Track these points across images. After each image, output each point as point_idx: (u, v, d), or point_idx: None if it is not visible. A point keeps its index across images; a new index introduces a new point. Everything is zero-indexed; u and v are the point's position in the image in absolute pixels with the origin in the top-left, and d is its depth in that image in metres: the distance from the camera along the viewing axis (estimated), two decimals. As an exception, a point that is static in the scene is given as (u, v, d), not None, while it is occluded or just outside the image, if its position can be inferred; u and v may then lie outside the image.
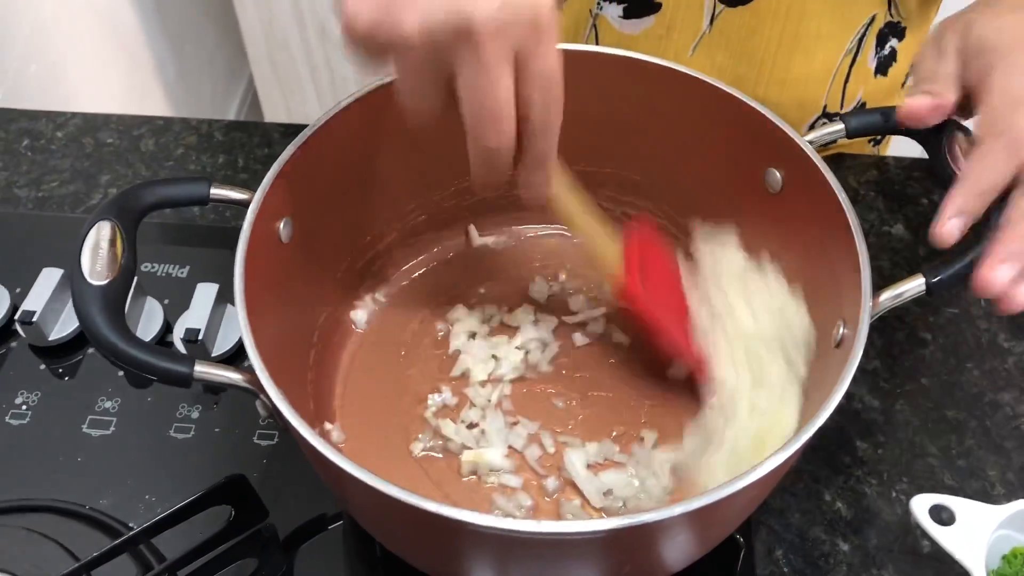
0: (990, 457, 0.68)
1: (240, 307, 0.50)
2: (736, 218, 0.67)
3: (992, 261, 0.50)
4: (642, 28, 0.83)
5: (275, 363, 0.49)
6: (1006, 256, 0.50)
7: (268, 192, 0.55)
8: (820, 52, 0.82)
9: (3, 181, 0.86)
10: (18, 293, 0.76)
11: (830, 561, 0.64)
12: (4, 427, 0.69)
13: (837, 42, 0.82)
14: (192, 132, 0.90)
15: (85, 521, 0.63)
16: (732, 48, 0.81)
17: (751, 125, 0.61)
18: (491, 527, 0.43)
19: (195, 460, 0.67)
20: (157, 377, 0.48)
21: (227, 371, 0.49)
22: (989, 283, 0.50)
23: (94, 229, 0.50)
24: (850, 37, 0.82)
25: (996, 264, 0.50)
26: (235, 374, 0.49)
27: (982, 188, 0.51)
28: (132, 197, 0.52)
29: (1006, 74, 0.54)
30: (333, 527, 0.64)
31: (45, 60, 1.36)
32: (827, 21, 0.80)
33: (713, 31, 0.81)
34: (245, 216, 0.54)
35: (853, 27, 0.82)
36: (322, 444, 0.45)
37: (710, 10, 0.79)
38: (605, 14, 0.84)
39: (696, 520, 0.47)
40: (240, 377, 0.49)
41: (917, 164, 0.87)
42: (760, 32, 0.80)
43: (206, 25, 1.94)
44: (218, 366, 0.49)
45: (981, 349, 0.74)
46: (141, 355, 0.48)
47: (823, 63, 0.83)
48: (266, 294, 0.54)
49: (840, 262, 0.55)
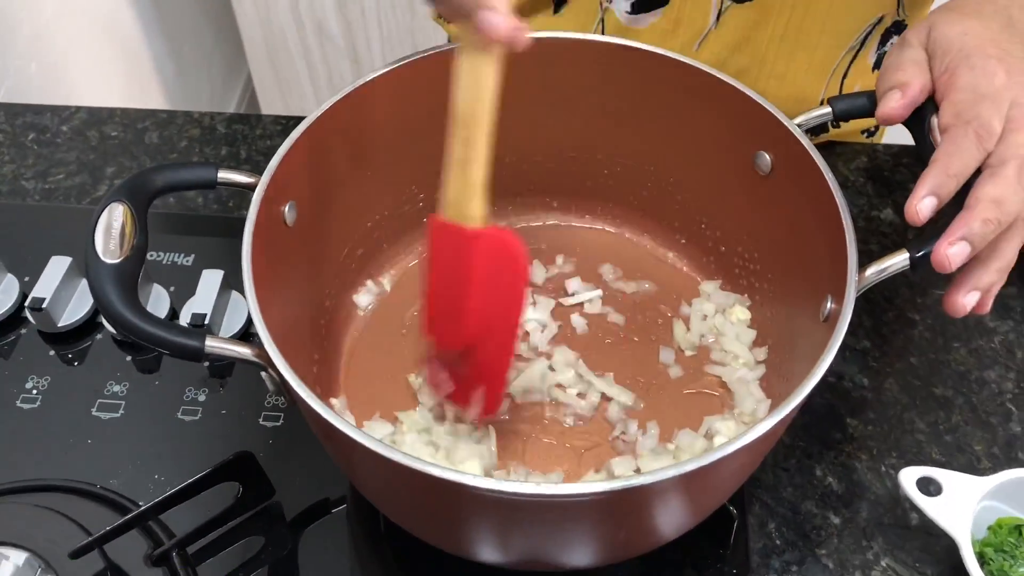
0: (976, 432, 0.70)
1: (248, 282, 0.51)
2: (727, 199, 0.69)
3: (950, 238, 0.52)
4: (649, 22, 0.84)
5: (282, 339, 0.51)
6: (963, 235, 0.52)
7: (274, 175, 0.57)
8: (822, 48, 0.83)
9: (10, 174, 0.88)
10: (27, 281, 0.77)
11: (822, 534, 0.66)
12: (16, 411, 0.71)
13: (841, 39, 0.83)
14: (195, 125, 0.92)
15: (96, 500, 0.65)
16: (736, 41, 0.83)
17: (741, 109, 0.63)
18: (490, 489, 0.45)
19: (202, 441, 0.69)
20: (169, 351, 0.50)
21: (237, 345, 0.51)
22: (943, 258, 0.52)
23: (107, 211, 0.52)
24: (855, 35, 0.83)
25: (954, 241, 0.52)
26: (244, 348, 0.51)
27: (954, 171, 0.53)
28: (143, 180, 0.54)
29: (970, 73, 0.56)
30: (337, 509, 0.66)
31: (46, 59, 1.37)
32: (833, 18, 0.81)
33: (719, 26, 0.82)
34: (248, 204, 0.55)
35: (860, 25, 0.83)
36: (328, 412, 0.47)
37: (717, 5, 0.80)
38: (614, 8, 0.85)
39: (688, 484, 0.48)
40: (249, 351, 0.51)
41: (906, 151, 0.89)
42: (764, 26, 0.81)
43: (204, 24, 1.95)
44: (228, 341, 0.51)
45: (968, 329, 0.76)
46: (154, 330, 0.49)
47: (824, 58, 0.84)
48: (271, 274, 0.56)
49: (827, 239, 0.57)
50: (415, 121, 0.67)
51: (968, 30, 0.58)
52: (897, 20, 0.85)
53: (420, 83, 0.65)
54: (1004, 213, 0.53)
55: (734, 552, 0.64)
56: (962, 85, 0.56)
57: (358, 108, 0.63)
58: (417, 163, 0.71)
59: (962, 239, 0.52)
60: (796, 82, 0.85)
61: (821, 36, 0.82)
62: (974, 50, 0.57)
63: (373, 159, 0.68)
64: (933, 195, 0.53)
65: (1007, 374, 0.74)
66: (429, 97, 0.65)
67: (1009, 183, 0.53)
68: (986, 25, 0.59)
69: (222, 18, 1.97)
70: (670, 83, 0.66)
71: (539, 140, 0.72)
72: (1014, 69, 0.57)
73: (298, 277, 0.62)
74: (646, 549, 0.58)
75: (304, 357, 0.62)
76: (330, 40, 1.83)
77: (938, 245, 0.53)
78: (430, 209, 0.74)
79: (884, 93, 0.59)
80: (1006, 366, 0.74)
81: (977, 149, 0.54)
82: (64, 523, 0.61)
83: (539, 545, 0.52)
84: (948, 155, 0.54)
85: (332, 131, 0.62)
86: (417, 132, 0.67)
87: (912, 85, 0.58)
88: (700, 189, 0.71)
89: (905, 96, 0.58)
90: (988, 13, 0.60)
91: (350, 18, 1.79)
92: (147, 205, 0.54)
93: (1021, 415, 0.71)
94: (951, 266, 0.53)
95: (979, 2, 0.61)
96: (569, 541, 0.52)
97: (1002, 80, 0.56)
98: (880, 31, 0.84)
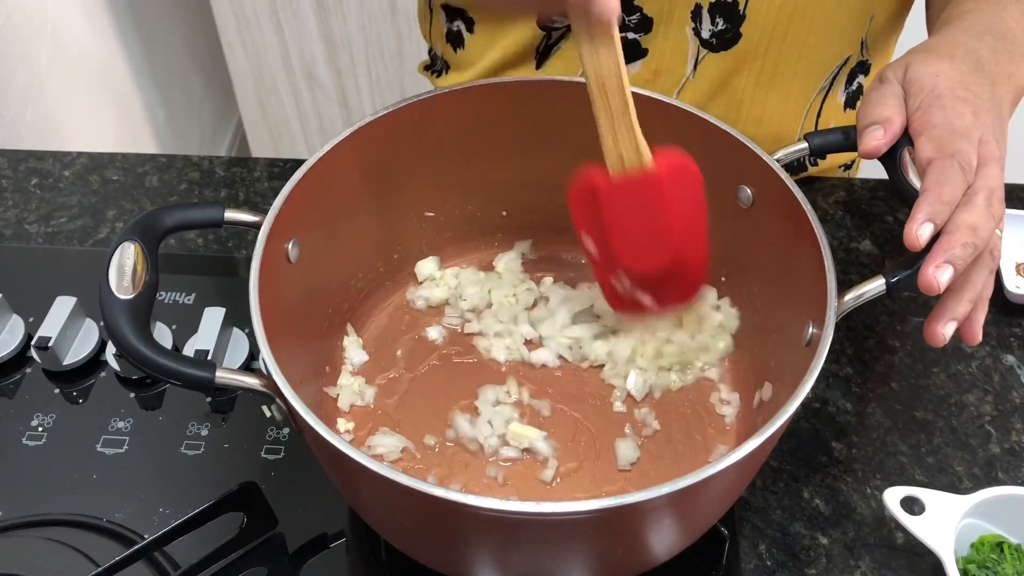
0: (957, 453, 0.73)
1: (255, 314, 0.54)
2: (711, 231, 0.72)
3: (935, 262, 0.56)
4: (630, 73, 0.88)
5: (287, 369, 0.53)
6: (947, 258, 0.56)
7: (278, 214, 0.59)
8: (795, 90, 0.87)
9: (14, 218, 0.90)
10: (31, 322, 0.79)
11: (811, 554, 0.68)
12: (22, 448, 0.72)
13: (812, 81, 0.87)
14: (194, 168, 0.95)
15: (103, 533, 0.67)
16: (712, 89, 0.86)
17: (723, 146, 0.66)
18: (492, 509, 0.47)
19: (205, 474, 0.71)
20: (181, 382, 0.52)
21: (245, 376, 0.53)
22: (931, 279, 0.56)
23: (119, 249, 0.54)
24: (824, 76, 0.87)
25: (940, 264, 0.56)
26: (253, 379, 0.53)
27: (946, 199, 0.57)
28: (153, 220, 0.56)
29: (942, 112, 0.60)
30: (336, 544, 0.67)
31: (40, 107, 1.40)
32: (805, 62, 0.85)
33: (696, 75, 0.86)
34: (247, 245, 0.57)
35: (828, 67, 0.87)
36: (334, 437, 0.49)
37: (694, 56, 0.84)
38: None
39: (679, 502, 0.50)
40: (257, 381, 0.53)
41: (882, 184, 0.93)
42: (739, 74, 0.85)
43: (194, 71, 1.99)
44: (237, 372, 0.53)
45: (947, 354, 0.79)
46: (167, 362, 0.51)
47: (797, 101, 0.88)
48: (276, 307, 0.58)
49: (807, 268, 0.60)
50: (409, 159, 0.70)
51: (940, 71, 0.62)
52: (861, 60, 0.89)
53: (410, 125, 0.68)
54: (979, 239, 0.56)
55: (727, 573, 0.66)
56: (936, 122, 0.60)
57: (355, 151, 0.66)
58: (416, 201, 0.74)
59: (946, 262, 0.55)
60: (773, 124, 0.89)
61: (794, 79, 0.86)
62: (945, 91, 0.61)
63: (371, 198, 0.70)
64: (930, 221, 0.56)
65: (985, 397, 0.76)
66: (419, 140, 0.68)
67: (981, 211, 0.57)
68: (956, 67, 0.63)
69: (212, 65, 2.01)
70: (654, 122, 0.68)
71: (528, 177, 0.75)
72: (980, 110, 0.61)
73: (300, 310, 0.64)
74: (642, 569, 0.60)
75: (308, 386, 0.64)
76: (320, 87, 1.87)
77: (924, 269, 0.56)
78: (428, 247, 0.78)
79: (866, 128, 0.62)
80: (984, 389, 0.77)
81: (962, 180, 0.58)
82: (72, 555, 0.62)
83: (538, 565, 0.54)
84: (939, 184, 0.57)
85: (331, 173, 0.65)
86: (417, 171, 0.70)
87: (894, 121, 0.61)
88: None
89: (888, 133, 0.61)
90: (959, 56, 0.64)
91: (339, 65, 1.83)
92: (157, 243, 0.56)
93: (1000, 436, 0.74)
94: (939, 287, 0.56)
95: (952, 46, 0.65)
96: (566, 561, 0.54)
97: (969, 120, 0.60)
98: (847, 71, 0.88)
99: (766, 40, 0.82)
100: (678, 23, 0.82)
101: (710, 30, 0.82)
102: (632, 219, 0.65)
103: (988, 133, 0.60)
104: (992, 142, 0.60)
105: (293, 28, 1.77)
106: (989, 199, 0.57)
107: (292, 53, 1.81)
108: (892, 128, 0.61)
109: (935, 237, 0.56)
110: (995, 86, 0.63)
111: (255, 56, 1.82)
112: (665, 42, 0.83)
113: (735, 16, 0.81)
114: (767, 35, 0.82)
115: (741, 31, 0.82)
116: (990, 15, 0.68)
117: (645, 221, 0.64)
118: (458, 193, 0.75)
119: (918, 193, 0.58)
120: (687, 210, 0.64)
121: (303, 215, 0.63)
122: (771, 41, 0.82)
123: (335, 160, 0.65)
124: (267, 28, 1.77)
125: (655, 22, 0.83)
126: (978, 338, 0.61)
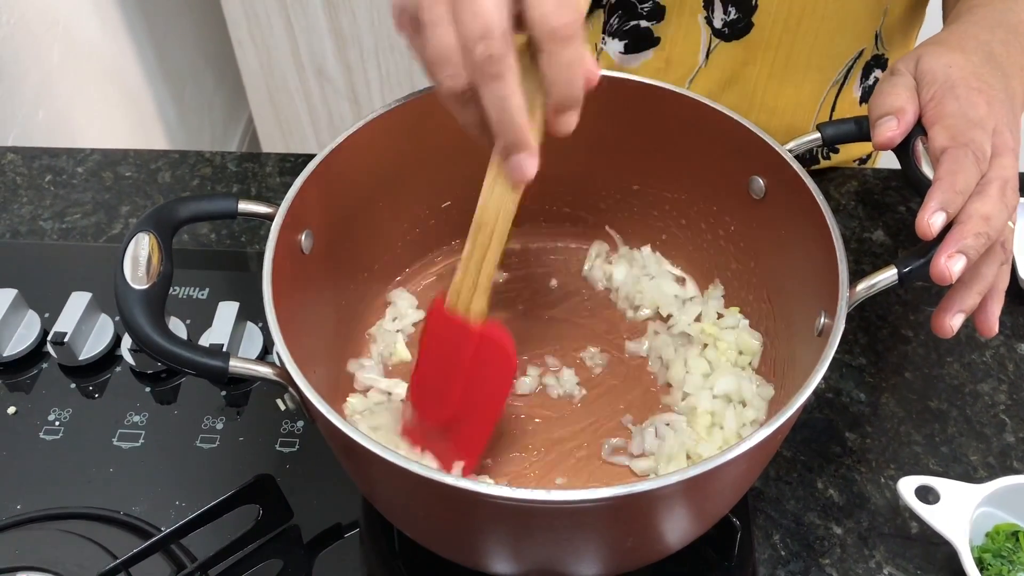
0: (971, 443, 0.73)
1: (268, 303, 0.54)
2: (724, 222, 0.72)
3: (947, 251, 0.56)
4: (642, 61, 0.87)
5: (300, 359, 0.53)
6: (959, 247, 0.55)
7: (291, 205, 0.59)
8: (808, 82, 0.87)
9: (29, 215, 0.90)
10: (47, 318, 0.80)
11: (825, 544, 0.68)
12: (39, 443, 0.73)
13: (825, 73, 0.87)
14: (206, 164, 0.95)
15: (120, 526, 0.67)
16: (725, 79, 0.86)
17: (736, 136, 0.66)
18: (505, 497, 0.47)
19: (221, 467, 0.71)
20: (196, 371, 0.52)
21: (259, 366, 0.53)
22: (943, 269, 0.55)
23: (134, 240, 0.54)
24: (838, 69, 0.87)
25: (952, 254, 0.55)
26: (266, 368, 0.53)
27: (959, 187, 0.57)
28: (168, 211, 0.57)
29: (956, 102, 0.60)
30: (350, 534, 0.68)
31: (52, 106, 1.41)
32: (817, 53, 0.85)
33: (708, 64, 0.85)
34: (260, 240, 0.58)
35: (842, 60, 0.87)
36: (346, 425, 0.49)
37: (706, 45, 0.84)
38: (607, 49, 0.88)
39: (691, 490, 0.51)
40: (270, 371, 0.53)
41: (894, 175, 0.92)
42: (752, 64, 0.85)
43: (205, 68, 2.00)
44: (251, 361, 0.53)
45: (961, 344, 0.79)
46: (182, 351, 0.52)
47: (811, 93, 0.88)
48: (289, 298, 0.58)
49: (819, 258, 0.60)
50: (421, 153, 0.70)
51: (952, 63, 0.62)
52: (876, 54, 0.88)
53: (421, 119, 0.68)
54: (992, 228, 0.56)
55: (740, 563, 0.66)
56: (950, 111, 0.60)
57: (371, 141, 0.66)
58: (426, 190, 0.74)
59: (959, 252, 0.55)
60: (786, 115, 0.89)
61: (807, 71, 0.86)
62: (958, 81, 0.61)
63: (383, 189, 0.71)
64: (942, 210, 0.56)
65: (1000, 386, 0.76)
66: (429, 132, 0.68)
67: (995, 201, 0.56)
68: (968, 59, 0.62)
69: (222, 62, 2.02)
70: (666, 113, 0.69)
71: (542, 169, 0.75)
72: (994, 100, 0.60)
73: (313, 301, 0.65)
74: (654, 558, 0.60)
75: (321, 376, 0.64)
76: (330, 82, 1.87)
77: (936, 258, 0.55)
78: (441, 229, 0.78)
79: (879, 118, 0.62)
80: (998, 379, 0.76)
81: (976, 169, 0.57)
82: (90, 548, 0.63)
83: (551, 553, 0.54)
84: (952, 173, 0.57)
85: (343, 164, 0.65)
86: (424, 163, 0.70)
87: (907, 111, 0.61)
88: (700, 212, 0.73)
89: (901, 123, 0.61)
90: (971, 48, 0.64)
91: (349, 61, 1.83)
92: (172, 234, 0.56)
93: (1014, 425, 0.73)
94: (952, 276, 0.55)
95: (963, 38, 0.65)
96: (578, 549, 0.54)
97: (984, 110, 0.60)
98: (861, 65, 0.88)
99: (779, 30, 0.82)
100: (690, 11, 0.82)
101: (722, 19, 0.82)
102: (436, 353, 0.62)
103: (1002, 123, 0.60)
104: (1006, 132, 0.59)
105: (303, 24, 1.77)
106: (1003, 189, 0.57)
107: (302, 49, 1.81)
108: (906, 118, 0.61)
109: (948, 227, 0.56)
110: (1008, 78, 0.63)
111: (265, 53, 1.82)
112: (678, 30, 0.83)
113: (747, 5, 0.81)
114: (780, 25, 0.82)
115: (753, 20, 0.82)
116: (1001, 9, 0.68)
117: (444, 365, 0.61)
118: (472, 185, 0.75)
119: (931, 182, 0.58)
120: (484, 387, 0.61)
121: (316, 206, 0.63)
122: (784, 32, 0.82)
123: (347, 152, 0.65)
124: (277, 25, 1.77)
125: (667, 10, 0.83)
126: (994, 330, 0.61)
